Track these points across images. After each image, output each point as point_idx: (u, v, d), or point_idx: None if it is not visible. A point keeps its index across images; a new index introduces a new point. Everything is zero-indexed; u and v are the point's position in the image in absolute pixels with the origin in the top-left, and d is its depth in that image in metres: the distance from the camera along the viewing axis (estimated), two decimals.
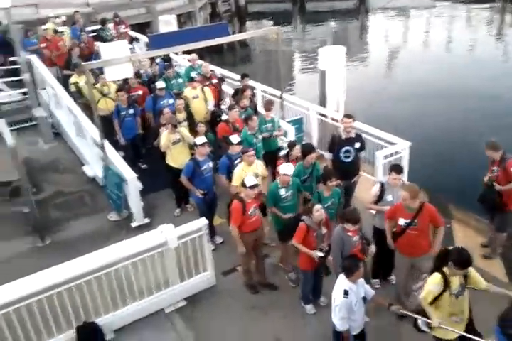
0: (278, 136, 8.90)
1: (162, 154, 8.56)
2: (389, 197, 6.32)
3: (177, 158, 8.31)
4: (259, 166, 7.32)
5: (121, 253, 6.07)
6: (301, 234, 5.89)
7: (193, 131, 8.66)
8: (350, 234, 5.58)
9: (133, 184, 8.14)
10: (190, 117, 9.45)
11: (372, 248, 5.94)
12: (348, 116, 7.64)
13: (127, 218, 8.65)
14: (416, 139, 8.96)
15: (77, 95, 11.01)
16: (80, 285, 5.80)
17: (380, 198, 6.38)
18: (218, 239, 7.85)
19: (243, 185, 6.28)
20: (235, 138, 7.50)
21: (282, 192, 6.59)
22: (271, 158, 8.39)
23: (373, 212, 6.69)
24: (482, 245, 7.54)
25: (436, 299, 4.76)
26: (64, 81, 12.30)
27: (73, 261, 5.98)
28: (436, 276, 4.76)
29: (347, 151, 7.55)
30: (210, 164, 7.60)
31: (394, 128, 10.07)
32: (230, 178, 7.39)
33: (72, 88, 11.13)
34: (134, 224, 8.40)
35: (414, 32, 28.23)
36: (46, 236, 8.28)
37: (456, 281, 4.75)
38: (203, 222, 6.53)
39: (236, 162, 7.45)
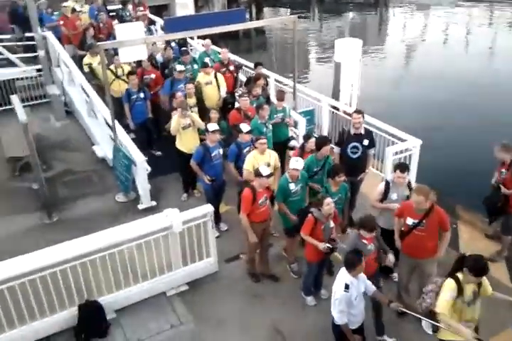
0: (289, 124, 8.88)
1: (174, 138, 8.57)
2: (394, 196, 6.31)
3: (186, 142, 8.34)
4: (272, 157, 7.29)
5: (126, 235, 6.13)
6: (309, 226, 5.90)
7: (203, 117, 8.65)
8: (365, 241, 5.43)
9: (141, 166, 8.19)
10: (200, 102, 9.44)
11: (391, 257, 5.73)
12: (358, 111, 7.56)
13: (134, 200, 8.72)
14: (427, 137, 8.92)
15: (90, 76, 10.96)
16: (85, 263, 5.87)
17: (384, 196, 6.36)
18: (223, 226, 7.90)
19: (257, 174, 6.28)
20: (244, 127, 7.49)
21: (292, 186, 6.55)
22: (280, 148, 8.38)
23: (377, 210, 6.64)
24: (486, 235, 7.66)
25: None
26: (79, 61, 12.29)
27: (79, 239, 6.05)
28: (451, 283, 4.65)
29: (354, 147, 7.48)
30: (221, 151, 7.61)
31: (406, 124, 10.02)
32: (237, 166, 7.43)
33: (86, 69, 11.07)
34: (140, 207, 8.47)
35: (434, 28, 27.88)
36: (53, 213, 8.37)
37: (469, 289, 4.65)
38: (208, 208, 6.56)
39: (245, 151, 7.47)
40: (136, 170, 8.31)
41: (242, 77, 11.23)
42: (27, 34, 14.18)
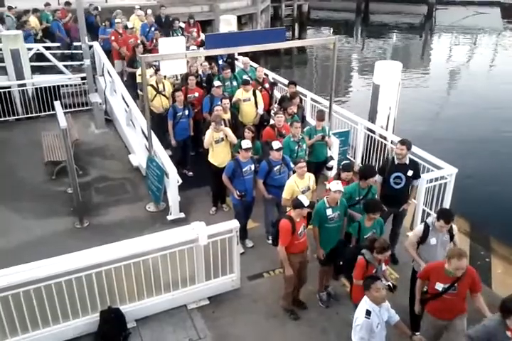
0: (328, 144, 8.87)
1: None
2: (433, 241, 5.86)
3: (218, 156, 8.44)
4: (312, 180, 7.20)
5: (152, 245, 6.21)
6: (360, 270, 5.50)
7: (236, 133, 8.69)
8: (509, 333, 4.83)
9: (173, 178, 8.31)
10: (235, 118, 9.54)
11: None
12: (402, 142, 7.23)
13: (164, 210, 8.83)
14: (464, 164, 8.77)
15: (141, 86, 11.20)
16: (110, 270, 5.96)
17: (423, 240, 5.91)
18: (249, 243, 7.90)
19: (297, 205, 6.00)
20: (276, 144, 7.50)
21: (329, 212, 6.32)
22: (318, 168, 8.33)
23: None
24: None
25: None
26: (127, 77, 12.55)
27: (106, 246, 6.17)
28: None
29: (397, 177, 7.18)
30: (252, 167, 7.62)
31: (441, 151, 9.87)
32: (266, 184, 7.50)
33: (138, 79, 11.25)
34: (169, 217, 8.57)
35: (479, 54, 27.53)
36: (85, 218, 8.55)
37: None
38: (234, 223, 6.58)
39: (275, 168, 7.47)
40: (167, 181, 8.43)
41: (278, 95, 11.31)
42: (75, 43, 14.68)
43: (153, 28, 14.39)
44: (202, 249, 6.42)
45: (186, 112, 9.59)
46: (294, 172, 7.25)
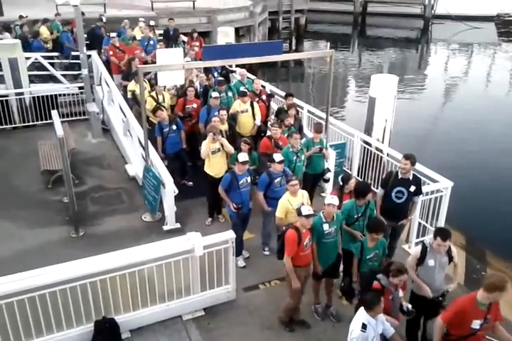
0: (325, 156, 8.91)
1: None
2: (430, 262, 5.77)
3: (214, 166, 8.47)
4: (305, 196, 7.14)
5: (147, 255, 6.19)
6: None
7: (233, 144, 8.72)
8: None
9: (170, 188, 8.32)
10: (232, 129, 9.58)
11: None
12: (406, 157, 7.17)
13: (160, 220, 8.82)
14: (459, 179, 8.78)
15: (133, 102, 11.26)
16: (104, 280, 5.94)
17: (420, 261, 5.82)
18: (244, 254, 7.89)
19: (299, 213, 6.03)
20: (277, 157, 7.52)
21: (325, 227, 6.27)
22: (315, 180, 8.35)
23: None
24: None
25: None
26: (123, 90, 12.52)
27: (101, 255, 6.15)
28: None
29: (399, 192, 7.13)
30: (248, 179, 7.61)
31: (438, 164, 9.93)
32: (266, 196, 7.50)
33: (129, 95, 11.41)
34: (165, 228, 8.56)
35: (475, 68, 27.80)
36: (80, 227, 8.53)
37: None
38: (230, 234, 6.57)
39: (276, 181, 7.48)
40: (164, 191, 8.43)
41: (275, 106, 11.38)
42: (73, 53, 14.74)
43: (151, 42, 14.38)
44: (197, 260, 6.41)
45: (174, 127, 9.49)
46: None
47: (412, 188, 7.17)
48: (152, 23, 15.44)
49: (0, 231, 8.49)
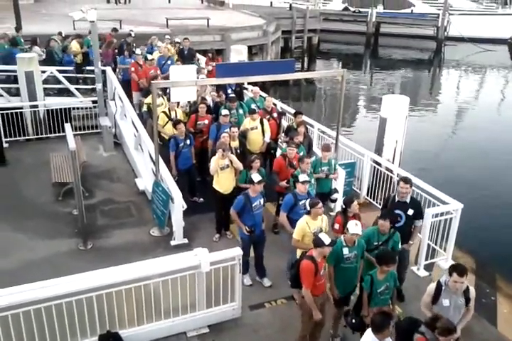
0: (334, 178, 8.91)
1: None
2: (445, 302, 5.48)
3: (223, 183, 8.47)
4: (324, 221, 6.93)
5: (153, 270, 6.19)
6: None
7: (243, 161, 8.74)
8: None
9: (178, 203, 8.35)
10: (243, 146, 9.63)
11: None
12: (405, 180, 7.11)
13: (167, 235, 8.83)
14: (469, 200, 8.73)
15: (147, 116, 11.38)
16: (110, 294, 5.94)
17: (435, 300, 5.53)
18: (267, 282, 7.64)
19: (318, 244, 5.76)
20: (302, 177, 7.37)
21: (346, 251, 6.10)
22: (322, 200, 8.27)
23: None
24: None
25: None
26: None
27: (108, 269, 6.16)
28: None
29: (397, 215, 7.00)
30: (262, 201, 7.47)
31: (448, 186, 9.88)
32: (289, 217, 7.29)
33: (144, 108, 11.53)
34: (173, 243, 8.57)
35: (487, 91, 27.78)
36: (89, 240, 8.56)
37: None
38: (237, 251, 6.56)
39: (301, 203, 7.28)
40: (172, 206, 8.46)
41: (285, 124, 11.45)
42: (88, 67, 14.99)
43: (169, 62, 14.39)
44: (204, 276, 6.39)
45: (188, 142, 9.63)
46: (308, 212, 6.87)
47: (410, 211, 7.01)
48: (177, 40, 15.64)
49: (9, 241, 8.55)
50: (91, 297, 5.83)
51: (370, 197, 10.35)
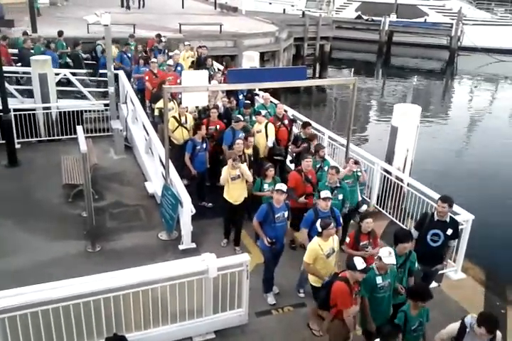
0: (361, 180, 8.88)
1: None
2: None
3: (233, 193, 8.39)
4: (336, 241, 6.69)
5: (161, 274, 6.19)
6: None
7: (255, 168, 8.75)
8: None
9: (187, 207, 8.35)
10: (256, 153, 9.65)
11: None
12: (444, 199, 6.78)
13: (176, 239, 8.83)
14: (480, 211, 8.63)
15: (159, 120, 11.41)
16: (118, 297, 5.93)
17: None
18: (275, 290, 7.51)
19: (351, 267, 5.61)
20: (324, 193, 7.10)
21: (379, 280, 5.87)
22: (349, 216, 8.25)
23: None
24: None
25: None
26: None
27: (116, 272, 6.16)
28: None
29: (435, 235, 6.74)
30: (285, 214, 7.24)
31: (459, 196, 9.74)
32: (310, 235, 7.03)
33: (156, 112, 11.57)
34: (181, 247, 8.57)
35: (500, 101, 27.63)
36: (97, 242, 8.57)
37: None
38: (245, 257, 6.53)
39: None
40: (181, 210, 8.47)
41: (296, 131, 11.44)
42: (101, 71, 15.08)
43: (179, 68, 14.14)
44: (211, 282, 6.36)
45: (204, 145, 9.70)
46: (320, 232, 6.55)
47: (449, 231, 6.79)
48: (198, 44, 15.81)
49: (18, 242, 8.60)
50: (99, 299, 5.83)
51: (380, 206, 10.29)
